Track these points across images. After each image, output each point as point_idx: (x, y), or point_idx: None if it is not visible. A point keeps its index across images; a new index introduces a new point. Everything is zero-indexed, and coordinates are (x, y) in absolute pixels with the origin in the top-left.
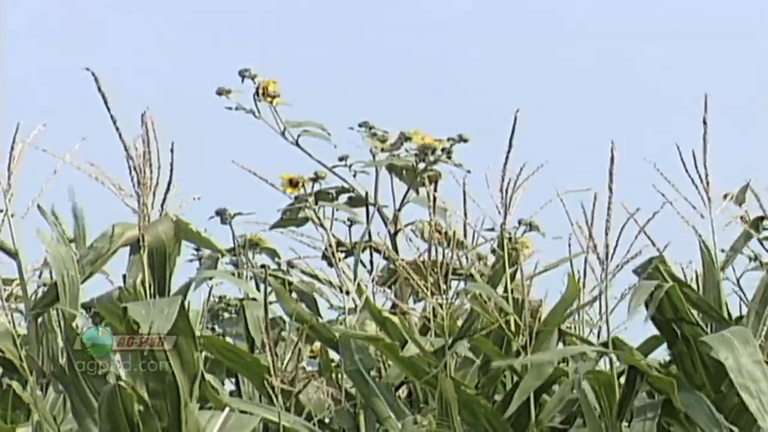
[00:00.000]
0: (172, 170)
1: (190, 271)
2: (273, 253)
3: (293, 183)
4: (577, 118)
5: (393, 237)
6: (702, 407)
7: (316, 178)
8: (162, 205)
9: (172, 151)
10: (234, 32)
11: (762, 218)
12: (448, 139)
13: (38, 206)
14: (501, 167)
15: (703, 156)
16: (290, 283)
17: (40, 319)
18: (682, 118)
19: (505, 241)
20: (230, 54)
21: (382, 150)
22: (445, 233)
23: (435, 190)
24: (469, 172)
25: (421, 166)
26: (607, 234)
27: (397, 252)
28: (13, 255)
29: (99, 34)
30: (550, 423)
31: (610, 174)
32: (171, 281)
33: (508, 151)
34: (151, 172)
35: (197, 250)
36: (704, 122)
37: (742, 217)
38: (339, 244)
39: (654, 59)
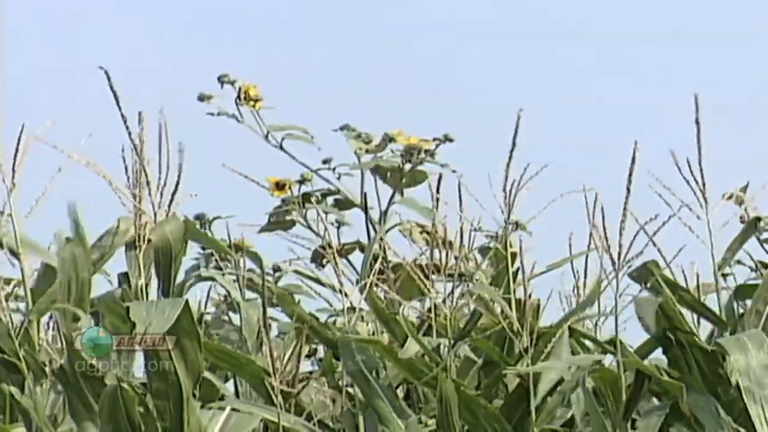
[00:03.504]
0: (180, 170)
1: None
2: (256, 257)
3: (280, 186)
4: (577, 118)
5: (380, 239)
6: (710, 409)
7: (302, 181)
8: (169, 206)
9: (181, 151)
10: (234, 32)
11: (758, 219)
12: (434, 139)
13: (68, 205)
14: (504, 167)
15: (698, 157)
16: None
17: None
18: (682, 118)
19: (508, 241)
20: (230, 54)
21: (367, 151)
22: (433, 234)
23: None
24: (454, 171)
25: (407, 166)
26: (621, 234)
27: (384, 253)
28: (16, 255)
29: (99, 35)
30: (550, 424)
31: (630, 174)
32: (176, 282)
33: (512, 151)
34: (160, 172)
35: (203, 248)
36: (697, 123)
37: (741, 217)
38: (328, 246)
39: (654, 59)
